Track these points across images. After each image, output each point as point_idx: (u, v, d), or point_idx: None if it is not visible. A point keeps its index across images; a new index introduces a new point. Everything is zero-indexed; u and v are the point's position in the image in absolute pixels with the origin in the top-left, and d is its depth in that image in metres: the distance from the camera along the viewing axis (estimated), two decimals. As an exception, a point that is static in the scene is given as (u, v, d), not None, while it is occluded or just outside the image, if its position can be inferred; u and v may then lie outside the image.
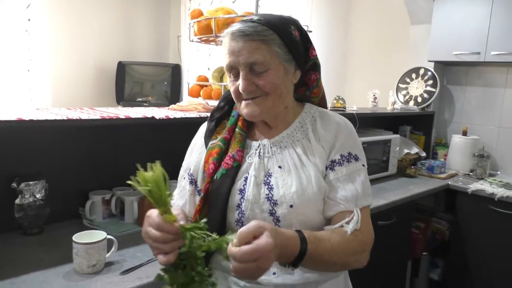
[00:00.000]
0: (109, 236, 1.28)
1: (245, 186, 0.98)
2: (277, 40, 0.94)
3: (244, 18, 0.97)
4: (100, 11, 4.15)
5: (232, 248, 0.74)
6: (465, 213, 2.58)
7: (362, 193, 0.98)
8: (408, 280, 2.68)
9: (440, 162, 2.91)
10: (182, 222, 0.81)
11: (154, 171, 0.77)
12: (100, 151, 1.71)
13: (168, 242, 0.79)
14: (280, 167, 0.98)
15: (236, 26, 0.94)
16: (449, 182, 2.65)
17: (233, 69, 0.96)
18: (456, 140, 2.99)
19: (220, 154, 1.01)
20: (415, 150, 2.92)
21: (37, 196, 1.46)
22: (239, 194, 0.98)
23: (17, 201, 1.44)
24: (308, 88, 1.09)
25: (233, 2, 3.89)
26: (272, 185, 0.96)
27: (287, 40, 0.96)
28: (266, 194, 0.95)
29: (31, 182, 1.45)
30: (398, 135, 2.76)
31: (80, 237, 1.21)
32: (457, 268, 2.63)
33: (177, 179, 1.14)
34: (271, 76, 0.94)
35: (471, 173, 2.87)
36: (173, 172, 1.09)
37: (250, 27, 0.92)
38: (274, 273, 0.95)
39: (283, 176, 0.96)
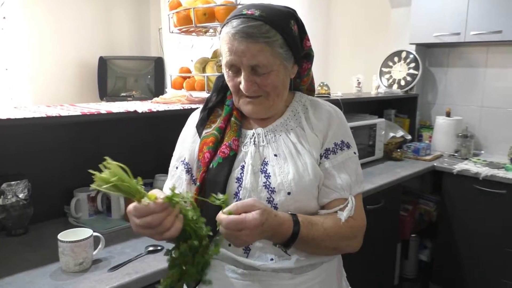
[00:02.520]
0: (95, 233, 1.26)
1: (242, 174, 0.98)
2: (280, 40, 0.93)
3: (244, 11, 0.93)
4: (78, 5, 4.05)
5: (221, 215, 0.82)
6: (451, 194, 2.62)
7: (355, 181, 1.01)
8: (398, 262, 2.72)
9: (425, 144, 2.93)
10: (163, 195, 0.83)
11: (109, 167, 0.77)
12: (83, 148, 1.68)
13: (163, 220, 0.80)
14: (276, 155, 0.99)
15: (238, 26, 0.91)
16: (435, 164, 2.68)
17: (234, 67, 0.96)
18: (440, 121, 3.02)
19: (216, 143, 1.02)
20: (400, 133, 2.94)
21: (20, 196, 1.43)
22: (236, 182, 0.98)
23: (-1, 202, 1.42)
24: (299, 76, 1.09)
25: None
26: (269, 173, 0.97)
27: (288, 39, 0.95)
28: (264, 182, 0.96)
29: (13, 182, 1.42)
30: (383, 119, 2.78)
31: (66, 236, 1.20)
32: (445, 247, 2.68)
33: (164, 173, 1.13)
34: (273, 78, 0.95)
35: (455, 154, 2.91)
36: (158, 166, 1.08)
37: (255, 28, 0.90)
38: (272, 259, 0.97)
39: (279, 164, 0.98)
